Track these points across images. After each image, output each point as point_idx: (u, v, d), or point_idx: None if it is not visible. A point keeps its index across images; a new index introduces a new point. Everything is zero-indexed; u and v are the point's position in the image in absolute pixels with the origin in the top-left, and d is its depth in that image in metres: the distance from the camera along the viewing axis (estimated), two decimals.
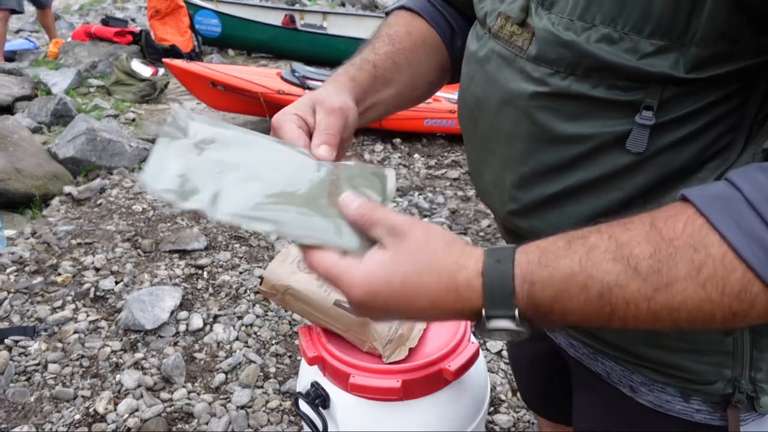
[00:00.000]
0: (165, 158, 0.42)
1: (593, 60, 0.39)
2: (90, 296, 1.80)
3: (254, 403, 1.45)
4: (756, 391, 0.46)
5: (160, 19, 4.48)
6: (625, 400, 0.52)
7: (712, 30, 0.35)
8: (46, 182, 2.46)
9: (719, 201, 0.31)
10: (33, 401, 1.42)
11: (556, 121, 0.42)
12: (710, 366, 0.46)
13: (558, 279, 0.34)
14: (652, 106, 0.38)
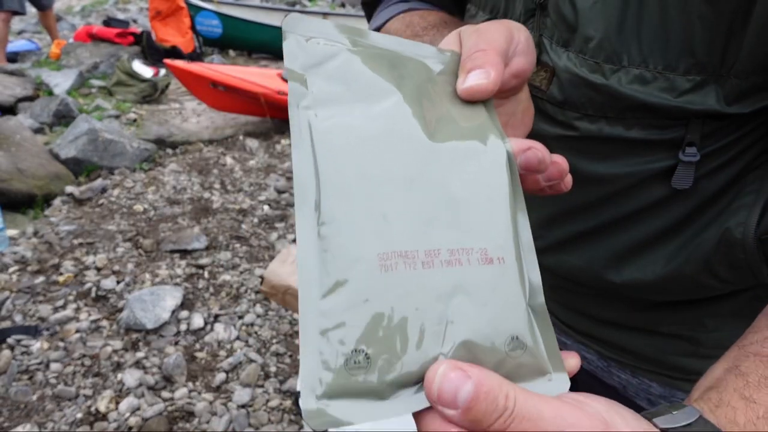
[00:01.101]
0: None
1: (628, 102, 0.36)
2: (91, 296, 1.81)
3: (255, 402, 1.46)
4: None
5: (161, 20, 4.49)
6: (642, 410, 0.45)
7: (752, 61, 0.33)
8: (47, 182, 2.48)
9: None
10: (35, 400, 1.43)
11: (585, 162, 0.39)
12: None
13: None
14: (695, 143, 0.36)
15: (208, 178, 2.73)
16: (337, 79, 0.26)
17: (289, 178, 2.80)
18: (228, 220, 2.34)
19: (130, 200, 2.45)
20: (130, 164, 2.77)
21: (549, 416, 0.20)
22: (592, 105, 0.38)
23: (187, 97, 3.75)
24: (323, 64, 0.27)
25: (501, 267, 0.24)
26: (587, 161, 0.40)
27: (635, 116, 0.37)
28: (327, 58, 0.27)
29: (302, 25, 0.27)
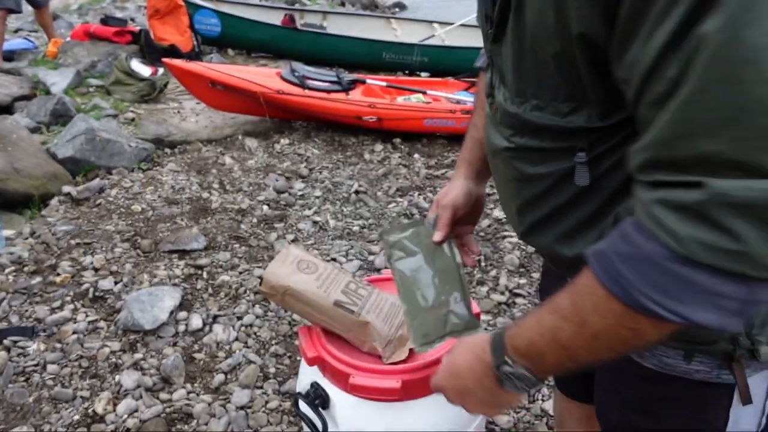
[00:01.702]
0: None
1: (533, 125, 0.53)
2: (89, 296, 1.80)
3: (254, 404, 1.45)
4: (754, 344, 0.53)
5: (160, 19, 4.46)
6: (633, 365, 0.60)
7: (597, 94, 0.47)
8: (45, 182, 2.46)
9: (597, 256, 0.44)
10: (32, 402, 1.42)
11: (526, 166, 0.57)
12: (712, 330, 0.51)
13: (525, 332, 0.51)
14: (585, 148, 0.51)
15: (207, 177, 2.72)
16: (401, 250, 0.78)
17: (289, 178, 2.79)
18: (227, 220, 2.33)
19: (128, 200, 2.44)
20: (128, 164, 2.75)
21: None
22: (515, 126, 0.56)
23: (186, 96, 3.73)
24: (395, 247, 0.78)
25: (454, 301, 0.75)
26: (525, 165, 0.57)
27: (541, 133, 0.53)
28: (396, 245, 0.78)
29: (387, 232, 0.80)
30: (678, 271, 0.39)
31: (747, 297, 0.39)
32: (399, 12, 8.70)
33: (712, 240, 0.37)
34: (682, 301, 0.39)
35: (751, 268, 0.37)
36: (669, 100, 0.37)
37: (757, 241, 0.36)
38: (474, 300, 0.83)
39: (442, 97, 3.49)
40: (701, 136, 0.36)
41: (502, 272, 2.06)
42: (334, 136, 3.35)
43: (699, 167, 0.37)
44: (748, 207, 0.35)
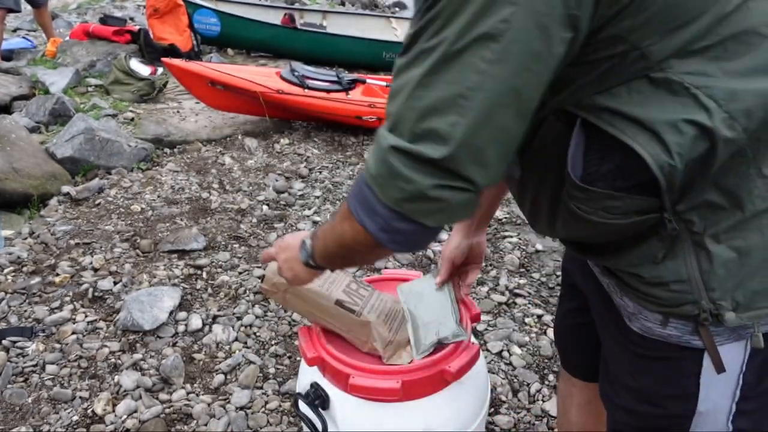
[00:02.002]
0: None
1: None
2: (88, 297, 1.80)
3: (254, 404, 1.45)
4: (717, 309, 0.59)
5: (159, 18, 4.46)
6: (626, 329, 0.70)
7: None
8: (44, 182, 2.45)
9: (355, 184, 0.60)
10: (30, 402, 1.41)
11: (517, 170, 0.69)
12: (676, 293, 0.60)
13: (319, 236, 0.70)
14: None
15: (207, 177, 2.71)
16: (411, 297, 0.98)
17: (288, 178, 2.78)
18: (227, 220, 2.33)
19: (128, 200, 2.43)
20: (127, 164, 2.75)
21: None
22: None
23: (185, 96, 3.73)
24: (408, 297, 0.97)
25: (445, 317, 0.93)
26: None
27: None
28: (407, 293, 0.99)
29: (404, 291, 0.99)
30: (361, 184, 0.56)
31: (386, 218, 0.54)
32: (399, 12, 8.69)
33: (370, 165, 0.54)
34: (360, 204, 0.56)
35: (379, 192, 0.53)
36: None
37: (380, 173, 0.53)
38: (474, 300, 0.94)
39: None
40: (389, 101, 0.54)
41: (502, 272, 2.06)
42: (334, 136, 3.34)
43: (388, 121, 0.54)
44: (380, 148, 0.53)
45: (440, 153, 0.49)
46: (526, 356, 1.65)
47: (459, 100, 0.49)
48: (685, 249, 0.58)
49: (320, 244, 0.68)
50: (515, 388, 1.53)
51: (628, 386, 0.72)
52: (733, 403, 0.65)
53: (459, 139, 0.49)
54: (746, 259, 0.57)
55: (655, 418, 0.70)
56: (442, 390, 0.85)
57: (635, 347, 0.69)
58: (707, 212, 0.56)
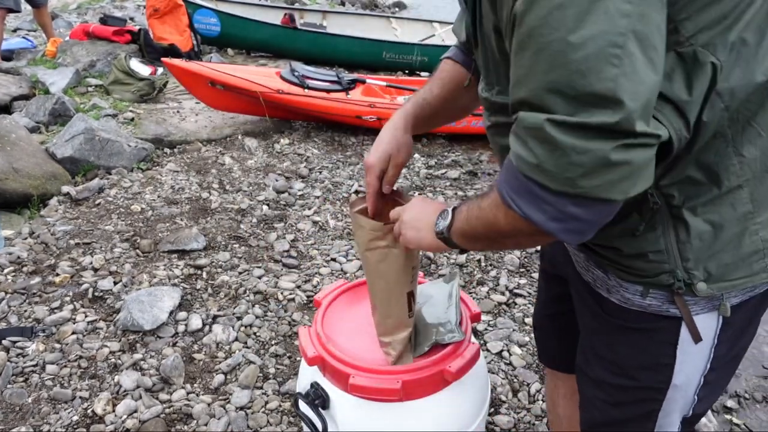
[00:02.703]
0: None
1: (499, 105, 0.66)
2: (88, 296, 1.80)
3: (253, 404, 1.45)
4: (690, 279, 0.62)
5: (159, 18, 4.46)
6: (604, 301, 0.72)
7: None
8: (44, 182, 2.45)
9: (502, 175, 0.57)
10: (31, 402, 1.41)
11: (501, 139, 0.68)
12: (654, 263, 0.63)
13: (463, 212, 0.66)
14: None
15: (207, 177, 2.71)
16: (420, 298, 0.97)
17: (288, 178, 2.78)
18: (227, 220, 2.33)
19: (128, 200, 2.43)
20: (127, 164, 2.75)
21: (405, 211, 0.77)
22: (489, 108, 0.70)
23: (186, 96, 3.73)
24: (418, 298, 0.94)
25: (446, 318, 0.94)
26: (501, 138, 0.66)
27: (506, 111, 0.59)
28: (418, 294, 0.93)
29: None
30: (517, 176, 0.52)
31: (558, 206, 0.50)
32: (399, 12, 8.70)
33: (524, 155, 0.50)
34: (521, 197, 0.53)
35: (546, 179, 0.49)
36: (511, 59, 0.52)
37: (544, 156, 0.48)
38: (474, 300, 0.96)
39: None
40: (517, 85, 0.51)
41: (502, 272, 2.06)
42: (334, 136, 3.34)
43: (520, 106, 0.51)
44: (533, 129, 0.49)
45: (614, 116, 0.45)
46: (526, 356, 1.65)
47: (612, 50, 0.45)
48: (664, 221, 0.61)
49: (463, 221, 0.65)
50: (515, 388, 1.53)
51: (602, 357, 0.74)
52: (702, 376, 0.69)
53: (626, 93, 0.45)
54: (719, 232, 0.61)
55: (626, 390, 0.72)
56: (442, 390, 0.85)
57: (614, 319, 0.71)
58: (687, 187, 0.60)
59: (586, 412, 0.81)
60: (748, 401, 1.59)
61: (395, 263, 0.81)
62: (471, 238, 0.65)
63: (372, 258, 0.82)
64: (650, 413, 0.72)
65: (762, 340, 1.89)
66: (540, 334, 1.05)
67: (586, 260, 0.74)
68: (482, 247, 0.68)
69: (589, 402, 0.80)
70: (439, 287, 1.00)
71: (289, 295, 1.87)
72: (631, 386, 0.72)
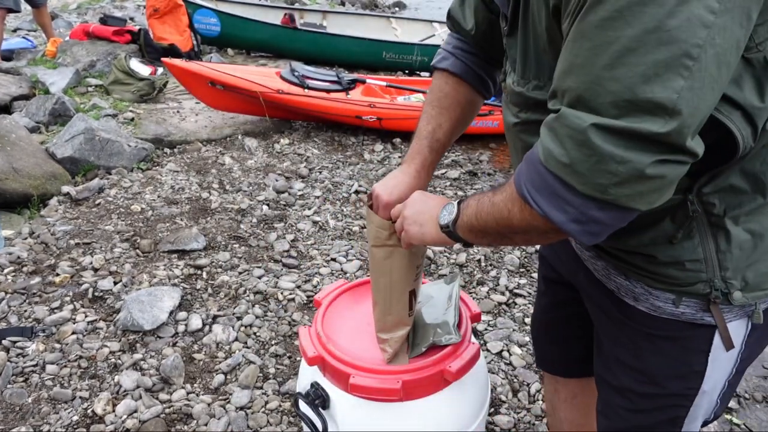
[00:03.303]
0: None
1: (534, 101, 0.63)
2: (88, 296, 1.80)
3: (254, 404, 1.44)
4: (728, 288, 0.61)
5: (159, 18, 4.46)
6: (630, 308, 0.70)
7: None
8: (44, 182, 2.45)
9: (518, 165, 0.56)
10: (30, 402, 1.41)
11: (529, 137, 0.65)
12: (690, 272, 0.62)
13: (471, 199, 0.65)
14: None
15: (207, 177, 2.71)
16: (420, 298, 0.97)
17: (288, 178, 2.78)
18: (227, 220, 2.33)
19: (128, 200, 2.43)
20: (127, 164, 2.75)
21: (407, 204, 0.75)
22: (520, 104, 0.66)
23: (185, 96, 3.73)
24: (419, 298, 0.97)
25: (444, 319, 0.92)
26: (529, 136, 0.65)
27: (541, 109, 0.58)
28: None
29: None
30: (542, 172, 0.51)
31: (581, 208, 0.49)
32: (399, 12, 8.70)
33: (556, 152, 0.48)
34: (541, 195, 0.51)
35: (575, 181, 0.48)
36: (563, 46, 0.49)
37: (578, 159, 0.47)
38: (474, 300, 0.95)
39: None
40: (568, 74, 0.47)
41: (502, 272, 2.05)
42: (334, 136, 3.34)
43: (564, 98, 0.48)
44: (574, 131, 0.46)
45: (665, 127, 0.43)
46: (526, 356, 1.65)
47: (685, 61, 0.42)
48: (702, 230, 0.60)
49: (471, 216, 0.63)
50: (515, 388, 1.53)
51: (629, 366, 0.72)
52: (727, 380, 0.69)
53: (687, 107, 0.43)
54: (759, 241, 0.60)
55: (653, 398, 0.71)
56: (442, 390, 0.85)
57: (641, 327, 0.69)
58: (729, 195, 0.58)
59: (607, 419, 0.78)
60: (748, 401, 1.59)
61: (400, 261, 0.81)
62: (479, 232, 0.63)
63: (378, 254, 0.82)
64: (675, 419, 0.71)
65: None
66: (538, 339, 1.04)
67: (605, 268, 0.71)
68: (489, 241, 0.65)
69: (610, 409, 0.77)
70: (439, 288, 1.00)
71: (289, 295, 1.87)
72: (659, 394, 0.70)
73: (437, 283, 1.02)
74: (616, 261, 0.68)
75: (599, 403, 0.80)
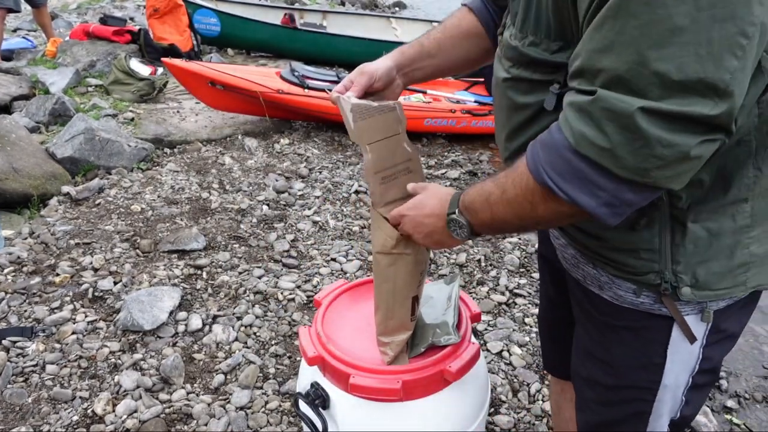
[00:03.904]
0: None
1: (528, 58, 0.62)
2: (88, 296, 1.80)
3: (254, 404, 1.45)
4: (677, 282, 0.62)
5: (159, 18, 4.46)
6: (595, 297, 0.71)
7: (580, 36, 0.51)
8: (44, 182, 2.45)
9: (531, 144, 0.55)
10: (31, 402, 1.41)
11: (517, 95, 0.65)
12: (644, 261, 0.63)
13: (472, 192, 0.65)
14: (560, 82, 0.58)
15: (207, 177, 2.71)
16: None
17: (288, 178, 2.78)
18: (227, 220, 2.33)
19: (128, 200, 2.43)
20: (127, 164, 2.75)
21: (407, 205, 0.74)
22: (513, 59, 0.65)
23: (185, 96, 3.73)
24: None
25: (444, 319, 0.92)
26: (517, 94, 0.65)
27: (533, 66, 0.62)
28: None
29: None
30: (569, 157, 0.49)
31: (615, 192, 0.49)
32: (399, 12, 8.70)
33: (592, 136, 0.47)
34: (568, 181, 0.50)
35: (614, 165, 0.47)
36: (593, 20, 0.46)
37: (620, 143, 0.45)
38: (474, 300, 0.97)
39: (442, 96, 3.48)
40: (606, 53, 0.45)
41: (502, 272, 2.06)
42: (334, 136, 3.34)
43: (599, 78, 0.46)
44: (617, 115, 0.45)
45: (716, 109, 0.42)
46: (526, 356, 1.65)
47: (740, 40, 0.40)
48: (663, 220, 0.60)
49: (484, 219, 0.62)
50: (515, 388, 1.53)
51: (595, 358, 0.74)
52: (690, 376, 0.69)
53: (738, 88, 0.42)
54: (715, 240, 0.60)
55: (617, 390, 0.72)
56: (442, 390, 0.85)
57: (605, 317, 0.70)
58: (696, 190, 0.58)
59: (582, 413, 0.80)
60: (748, 401, 1.59)
61: (404, 268, 0.81)
62: (496, 228, 0.64)
63: (383, 261, 0.81)
64: (641, 414, 0.72)
65: (762, 340, 1.89)
66: (543, 339, 1.04)
67: (574, 257, 0.73)
68: (506, 232, 0.68)
69: (584, 403, 0.79)
70: (439, 288, 1.00)
71: (289, 295, 1.87)
72: (622, 385, 0.71)
73: (437, 284, 1.02)
74: (584, 249, 0.69)
75: (576, 398, 0.82)
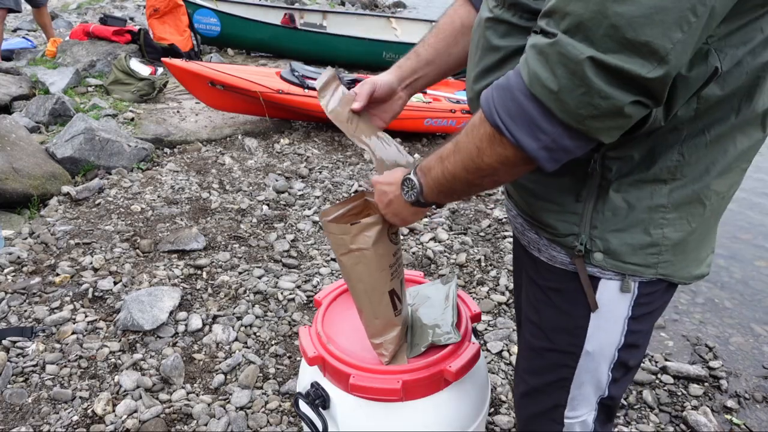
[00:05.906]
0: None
1: (512, 1, 0.62)
2: (88, 296, 1.80)
3: (254, 404, 1.45)
4: (591, 246, 0.65)
5: (159, 18, 4.46)
6: (536, 261, 0.74)
7: None
8: (44, 182, 2.45)
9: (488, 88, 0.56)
10: (30, 402, 1.41)
11: (494, 36, 0.66)
12: (566, 223, 0.67)
13: (430, 155, 0.66)
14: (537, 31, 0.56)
15: (207, 177, 2.71)
16: (418, 299, 1.02)
17: (288, 178, 2.78)
18: (226, 220, 2.33)
19: (128, 200, 2.43)
20: (127, 164, 2.75)
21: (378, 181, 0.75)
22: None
23: (185, 96, 3.73)
24: (416, 300, 1.01)
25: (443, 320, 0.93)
26: (494, 36, 0.66)
27: (515, 8, 0.62)
28: (415, 296, 1.02)
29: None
30: (521, 100, 0.51)
31: (555, 136, 0.51)
32: (399, 12, 8.70)
33: (545, 77, 0.48)
34: (515, 122, 0.52)
35: (558, 108, 0.48)
36: None
37: (566, 88, 0.47)
38: (474, 300, 0.97)
39: (442, 96, 3.48)
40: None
41: (502, 272, 2.05)
42: (334, 136, 3.34)
43: (564, 20, 0.47)
44: (569, 60, 0.46)
45: (652, 72, 0.45)
46: None
47: (689, 16, 0.44)
48: (591, 188, 0.64)
49: (435, 176, 0.63)
50: None
51: (530, 320, 0.76)
52: (616, 350, 0.70)
53: (675, 59, 0.45)
54: (630, 212, 0.63)
55: (543, 354, 0.74)
56: (443, 390, 0.85)
57: (541, 280, 0.73)
58: (625, 164, 0.62)
59: (516, 387, 0.83)
60: (748, 401, 1.59)
61: (370, 265, 0.79)
62: (446, 189, 0.64)
63: (347, 262, 0.80)
64: (563, 381, 0.74)
65: (762, 340, 1.89)
66: (518, 325, 1.05)
67: (522, 224, 0.76)
68: (458, 196, 0.66)
69: (518, 376, 0.82)
70: (436, 288, 1.00)
71: (289, 295, 1.87)
72: (547, 348, 0.74)
73: (434, 284, 1.02)
74: (525, 215, 0.73)
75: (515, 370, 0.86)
